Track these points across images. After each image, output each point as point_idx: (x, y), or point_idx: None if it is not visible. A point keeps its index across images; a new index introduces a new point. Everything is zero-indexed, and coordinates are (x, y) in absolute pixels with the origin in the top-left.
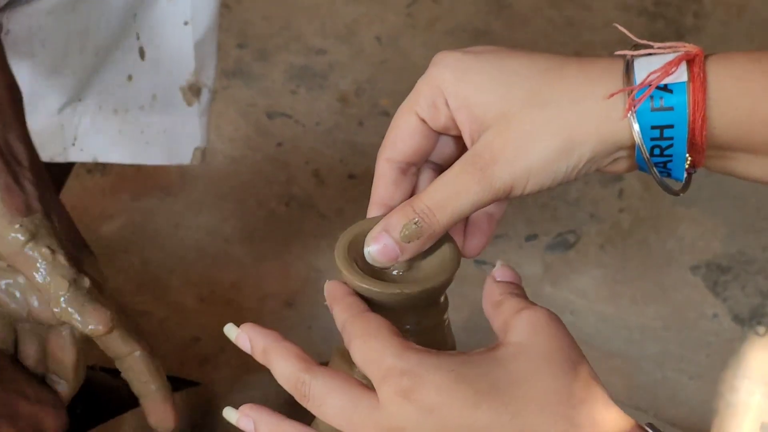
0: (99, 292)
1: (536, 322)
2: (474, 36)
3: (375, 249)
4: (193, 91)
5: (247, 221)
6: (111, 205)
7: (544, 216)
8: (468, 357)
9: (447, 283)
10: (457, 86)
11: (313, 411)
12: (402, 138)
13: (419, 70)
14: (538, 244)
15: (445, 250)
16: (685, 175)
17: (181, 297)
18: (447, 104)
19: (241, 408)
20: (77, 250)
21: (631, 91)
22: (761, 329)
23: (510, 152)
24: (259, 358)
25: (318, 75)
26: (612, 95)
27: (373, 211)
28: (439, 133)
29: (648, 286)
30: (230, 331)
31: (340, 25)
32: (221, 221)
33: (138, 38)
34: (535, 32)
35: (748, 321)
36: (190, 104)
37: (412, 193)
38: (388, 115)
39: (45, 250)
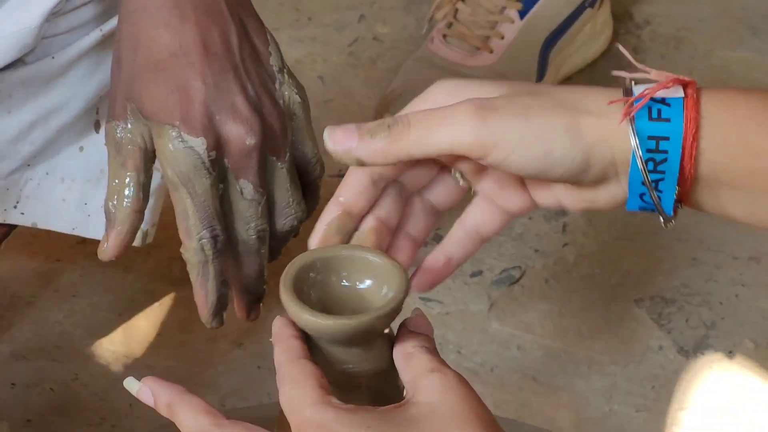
0: None
1: (446, 384)
2: None
3: (334, 129)
4: None
5: None
6: (59, 250)
7: (489, 252)
8: (383, 414)
9: (383, 321)
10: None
11: None
12: None
13: (362, 108)
14: (483, 280)
15: (396, 291)
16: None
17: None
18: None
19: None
20: None
21: (630, 100)
22: (705, 360)
23: (511, 111)
24: (164, 411)
25: None
26: (612, 102)
27: (330, 209)
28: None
29: (594, 320)
30: (131, 384)
31: None
32: (169, 263)
33: (97, 113)
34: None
35: (693, 353)
36: None
37: (374, 205)
38: None
39: None
